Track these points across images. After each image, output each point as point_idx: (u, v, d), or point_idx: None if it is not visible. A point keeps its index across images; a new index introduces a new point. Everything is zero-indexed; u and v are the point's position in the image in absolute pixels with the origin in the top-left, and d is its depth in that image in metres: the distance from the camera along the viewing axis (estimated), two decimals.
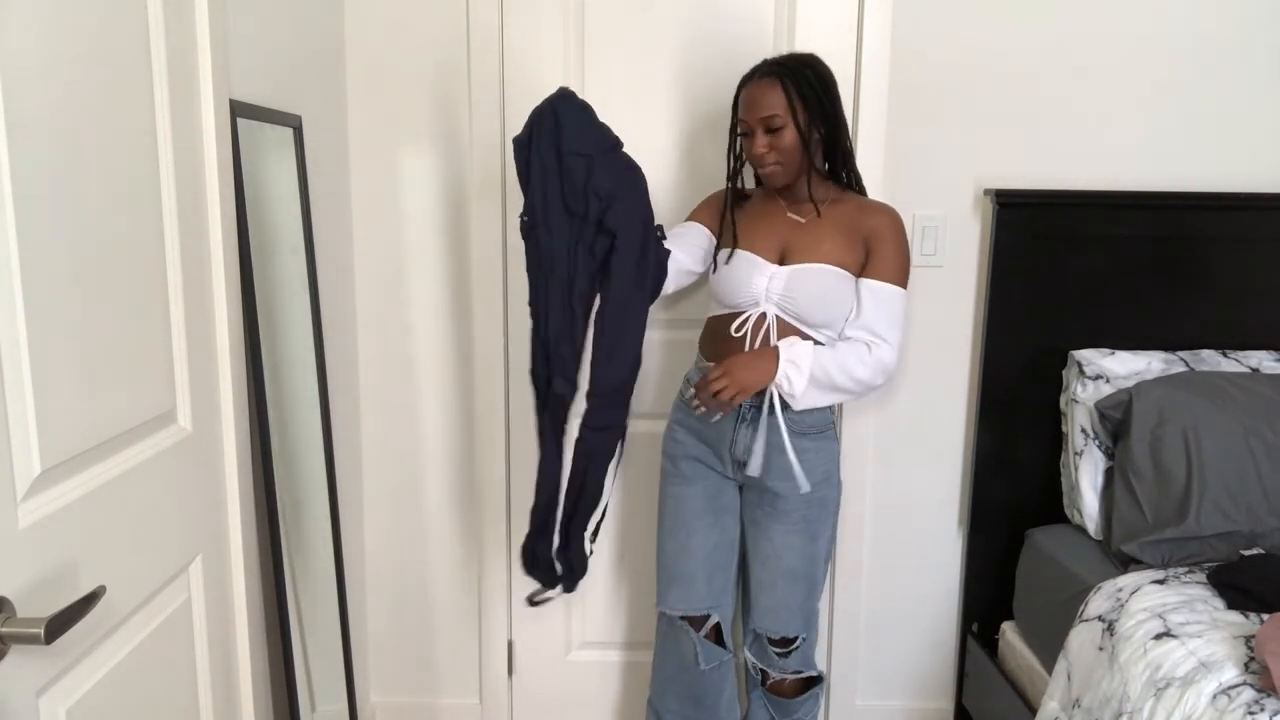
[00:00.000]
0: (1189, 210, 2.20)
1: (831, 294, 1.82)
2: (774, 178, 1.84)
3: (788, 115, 1.78)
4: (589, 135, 1.75)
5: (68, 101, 1.05)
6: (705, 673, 2.00)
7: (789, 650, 1.97)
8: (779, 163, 1.81)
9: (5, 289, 0.95)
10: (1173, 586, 1.78)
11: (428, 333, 2.34)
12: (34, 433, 0.99)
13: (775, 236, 1.88)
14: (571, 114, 1.75)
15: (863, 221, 1.85)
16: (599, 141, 1.76)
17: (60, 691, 1.05)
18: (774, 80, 1.79)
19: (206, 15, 1.35)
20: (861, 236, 1.84)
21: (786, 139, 1.79)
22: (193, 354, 1.33)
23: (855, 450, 2.35)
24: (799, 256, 1.85)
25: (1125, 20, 2.19)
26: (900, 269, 1.84)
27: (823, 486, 1.90)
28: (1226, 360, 2.18)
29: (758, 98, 1.80)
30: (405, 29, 2.21)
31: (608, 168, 1.75)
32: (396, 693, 2.50)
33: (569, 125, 1.73)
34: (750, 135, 1.82)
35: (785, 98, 1.78)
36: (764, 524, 1.92)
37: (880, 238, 1.83)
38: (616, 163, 1.78)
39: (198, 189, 1.36)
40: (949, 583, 2.43)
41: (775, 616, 1.94)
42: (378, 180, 2.28)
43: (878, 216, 1.85)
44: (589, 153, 1.74)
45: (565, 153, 1.73)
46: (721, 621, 2.01)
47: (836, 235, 1.84)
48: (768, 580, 1.93)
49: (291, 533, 1.85)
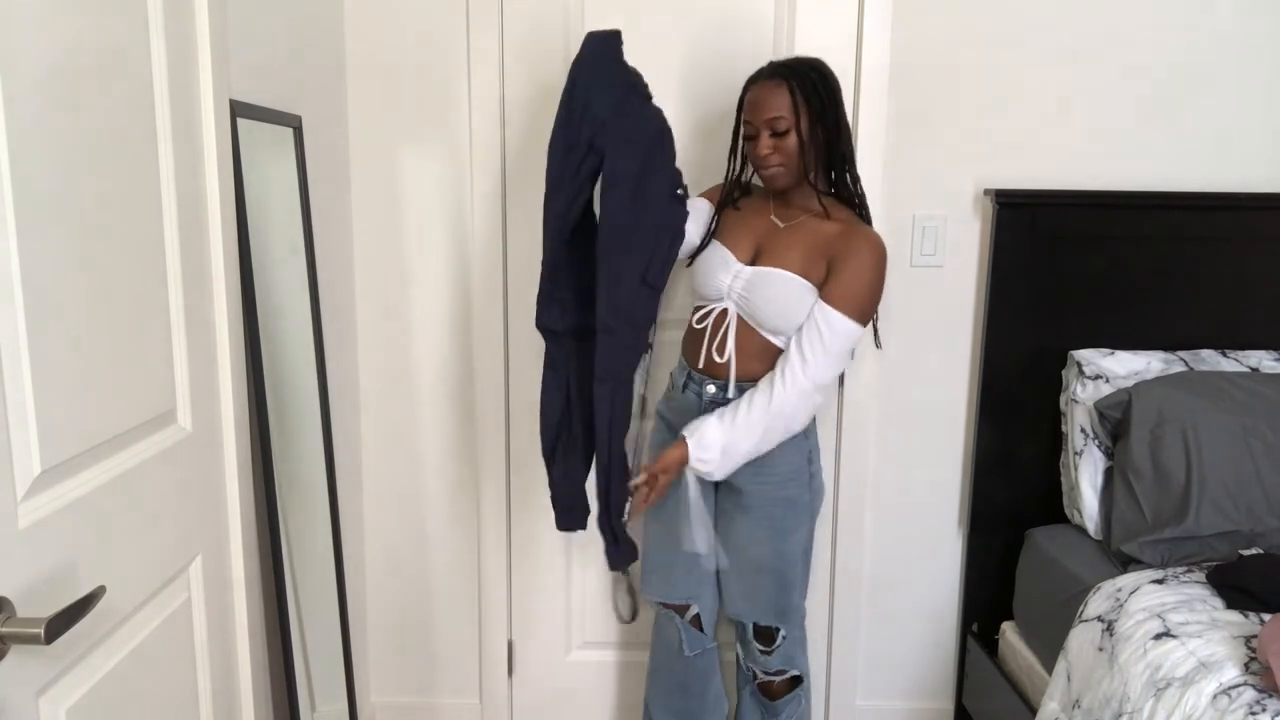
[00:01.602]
0: (1188, 210, 2.20)
1: (786, 302, 1.80)
2: (775, 180, 1.84)
3: (793, 118, 1.78)
4: (604, 70, 1.77)
5: (67, 101, 1.05)
6: (691, 660, 2.04)
7: (772, 648, 1.99)
8: (782, 164, 1.81)
9: (5, 289, 0.95)
10: (1172, 586, 1.78)
11: (428, 332, 2.34)
12: (34, 433, 0.99)
13: (752, 236, 1.89)
14: (596, 48, 1.78)
15: (836, 241, 1.80)
16: (616, 78, 1.78)
17: (60, 691, 1.05)
18: (781, 83, 1.79)
19: (206, 15, 1.35)
20: (827, 255, 1.80)
21: (791, 142, 1.79)
22: (193, 354, 1.33)
23: (855, 450, 2.35)
24: (766, 259, 1.85)
25: (1125, 20, 2.18)
26: (852, 297, 1.77)
27: (789, 485, 1.90)
28: (1226, 360, 2.18)
29: (764, 99, 1.80)
30: (405, 29, 2.21)
31: (611, 100, 1.75)
32: (396, 693, 2.50)
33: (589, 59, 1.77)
34: (755, 137, 1.82)
35: (791, 100, 1.78)
36: (731, 515, 1.94)
37: (843, 260, 1.78)
38: (630, 101, 1.78)
39: (198, 189, 1.36)
40: (949, 583, 2.43)
41: (745, 603, 1.96)
42: (378, 180, 2.28)
43: (851, 241, 1.79)
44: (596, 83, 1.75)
45: (578, 83, 1.76)
46: (702, 612, 2.04)
47: (803, 246, 1.82)
48: (735, 570, 1.96)
49: (291, 533, 1.85)
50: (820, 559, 2.39)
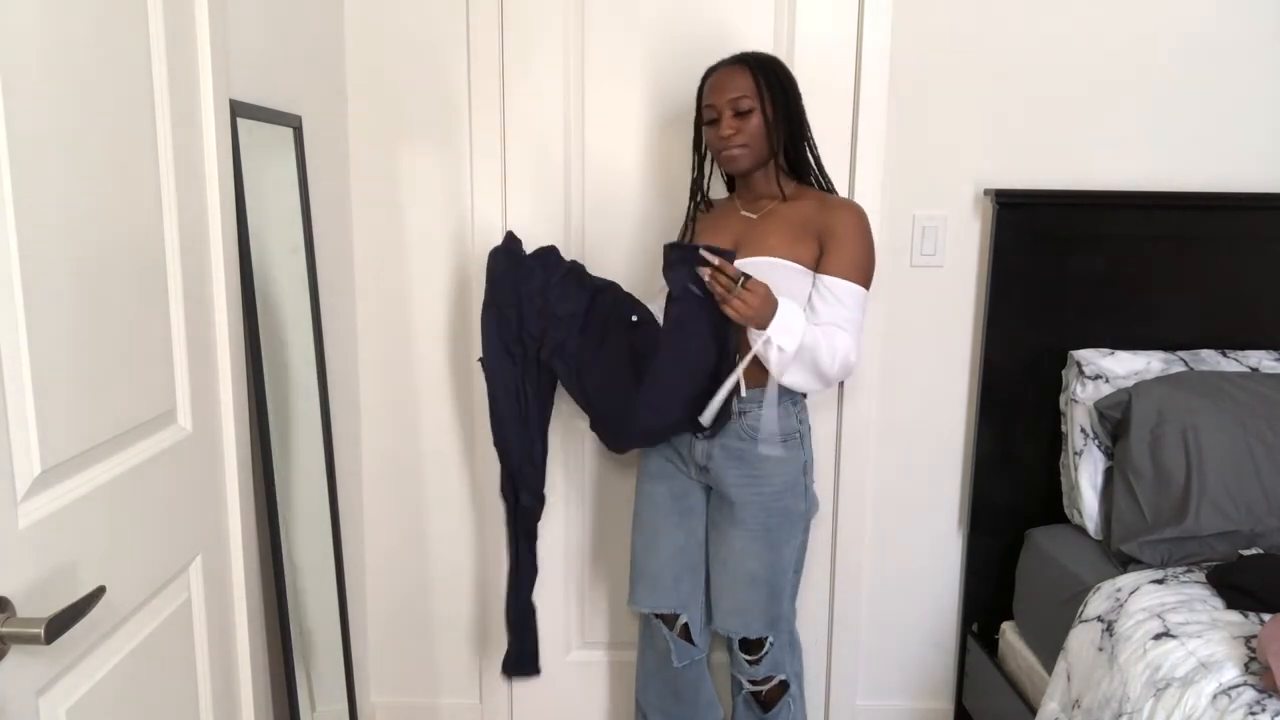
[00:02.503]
0: (1188, 210, 2.20)
1: (780, 288, 1.75)
2: (737, 162, 1.83)
3: (755, 99, 1.80)
4: (510, 283, 2.04)
5: (67, 101, 1.05)
6: (679, 671, 2.03)
7: (759, 657, 1.95)
8: (745, 145, 1.81)
9: (6, 289, 0.95)
10: (1171, 586, 1.78)
11: (428, 332, 2.34)
12: (34, 433, 0.98)
13: (727, 234, 1.89)
14: (498, 267, 2.05)
15: (817, 217, 1.82)
16: (527, 283, 2.04)
17: (60, 691, 1.05)
18: (742, 66, 1.82)
19: (206, 15, 1.35)
20: (814, 231, 1.81)
21: (753, 122, 1.80)
22: (193, 354, 1.33)
23: (856, 450, 2.35)
24: (746, 251, 1.84)
25: (1126, 20, 2.18)
26: (854, 265, 1.79)
27: (785, 497, 1.87)
28: (1226, 360, 2.18)
29: (725, 81, 1.82)
30: (405, 29, 2.21)
31: (535, 309, 2.04)
32: (396, 693, 2.50)
33: (497, 280, 2.05)
34: (717, 120, 1.82)
35: (753, 81, 1.80)
36: (723, 528, 1.91)
37: (833, 233, 1.80)
38: (553, 297, 2.03)
39: (198, 189, 1.36)
40: (949, 583, 2.43)
41: (735, 619, 1.92)
42: (378, 180, 2.28)
43: (835, 212, 1.82)
44: (517, 300, 2.04)
45: (500, 304, 2.05)
46: (690, 623, 2.02)
47: (784, 229, 1.83)
48: (726, 585, 1.92)
49: (291, 533, 1.85)
50: (820, 559, 2.39)
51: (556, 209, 2.28)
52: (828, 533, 2.38)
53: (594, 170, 2.27)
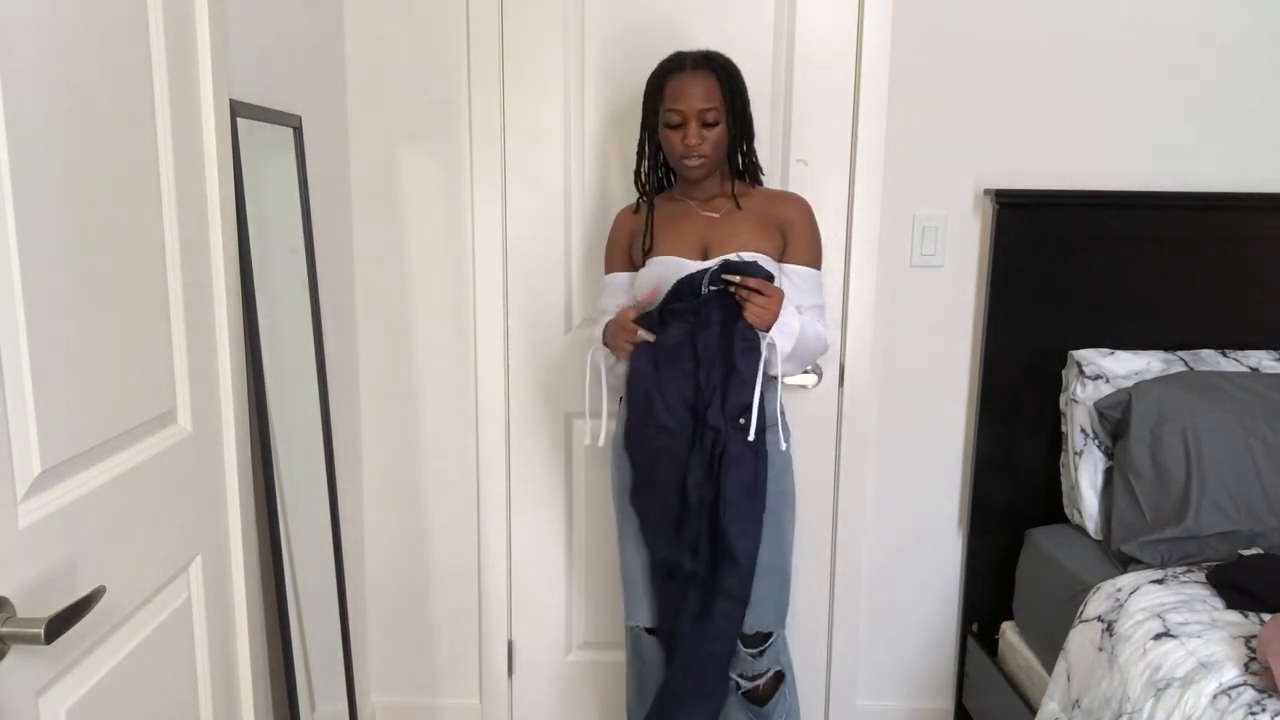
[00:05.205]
0: (1189, 210, 2.20)
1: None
2: (696, 170, 1.86)
3: (722, 111, 1.82)
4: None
5: (67, 101, 1.04)
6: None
7: (763, 649, 1.94)
8: (707, 156, 1.84)
9: (5, 289, 0.95)
10: (1171, 586, 1.78)
11: (428, 332, 2.34)
12: (34, 433, 0.98)
13: (694, 235, 1.90)
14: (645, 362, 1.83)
15: (775, 211, 1.91)
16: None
17: (60, 691, 1.05)
18: (710, 74, 1.82)
19: (206, 15, 1.35)
20: (776, 225, 1.90)
21: (719, 132, 1.83)
22: (193, 354, 1.33)
23: (856, 450, 2.35)
24: (720, 249, 1.86)
25: (1126, 20, 2.18)
26: (815, 252, 1.93)
27: (782, 479, 1.92)
28: (1226, 360, 2.18)
29: (694, 90, 1.81)
30: (405, 29, 2.21)
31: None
32: (396, 693, 2.50)
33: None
34: (682, 126, 1.83)
35: (721, 92, 1.82)
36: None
37: (793, 225, 1.90)
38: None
39: (198, 189, 1.36)
40: (949, 583, 2.43)
41: (753, 613, 1.90)
42: (378, 180, 2.28)
43: (789, 206, 1.92)
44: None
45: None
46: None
47: (751, 225, 1.89)
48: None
49: (291, 533, 1.85)
50: (820, 559, 2.39)
51: (556, 209, 2.28)
52: (828, 533, 2.38)
53: (594, 170, 2.27)
